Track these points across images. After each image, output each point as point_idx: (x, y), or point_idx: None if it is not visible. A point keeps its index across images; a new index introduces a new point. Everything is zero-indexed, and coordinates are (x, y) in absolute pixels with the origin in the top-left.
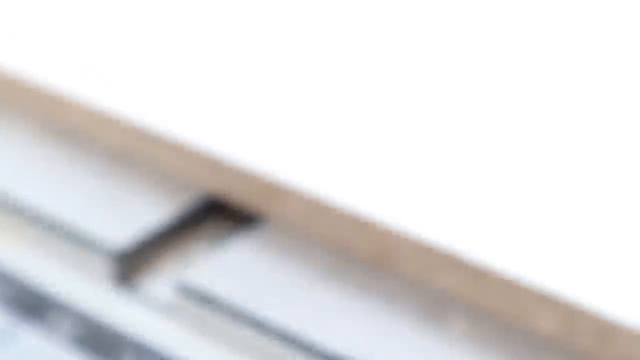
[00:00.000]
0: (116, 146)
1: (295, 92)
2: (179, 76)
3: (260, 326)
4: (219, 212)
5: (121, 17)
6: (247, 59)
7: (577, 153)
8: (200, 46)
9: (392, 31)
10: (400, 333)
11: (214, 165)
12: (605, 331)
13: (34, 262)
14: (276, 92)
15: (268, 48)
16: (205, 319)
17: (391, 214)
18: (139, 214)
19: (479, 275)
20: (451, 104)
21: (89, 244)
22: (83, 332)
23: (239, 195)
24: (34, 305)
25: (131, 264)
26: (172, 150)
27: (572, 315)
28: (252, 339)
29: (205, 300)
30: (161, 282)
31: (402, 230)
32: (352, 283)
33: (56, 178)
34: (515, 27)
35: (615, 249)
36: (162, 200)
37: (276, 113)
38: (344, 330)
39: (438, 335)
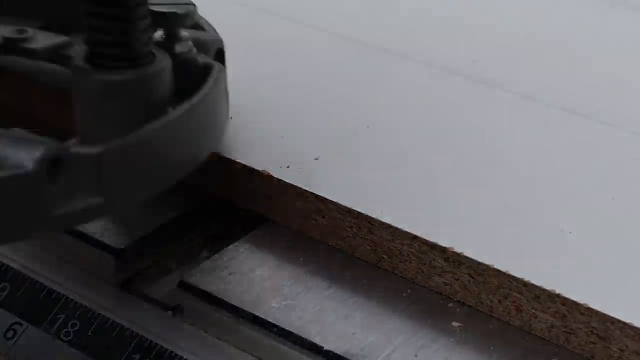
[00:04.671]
0: None
1: (296, 92)
2: None
3: (261, 326)
4: (220, 212)
5: None
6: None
7: (573, 152)
8: None
9: None
10: (400, 332)
11: (215, 165)
12: (604, 330)
13: (35, 261)
14: (274, 93)
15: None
16: (207, 319)
17: (391, 214)
18: (140, 213)
19: (477, 274)
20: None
21: (90, 243)
22: (83, 332)
23: (240, 195)
24: (34, 305)
25: (132, 263)
26: None
27: (570, 315)
28: (254, 339)
29: (206, 300)
30: (163, 282)
31: (402, 230)
32: (352, 283)
33: None
34: None
35: (614, 248)
36: (164, 200)
37: (276, 113)
38: (345, 330)
39: (437, 334)
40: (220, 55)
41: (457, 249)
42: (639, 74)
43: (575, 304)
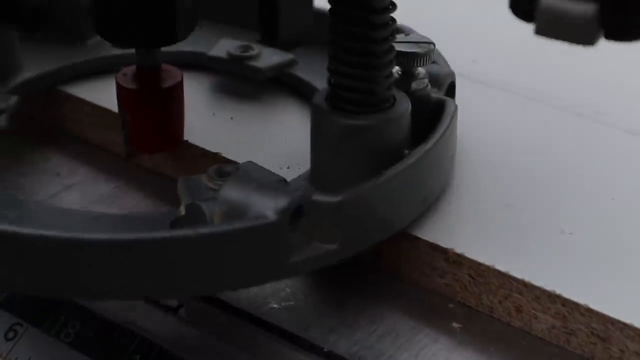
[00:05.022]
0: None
1: None
2: None
3: (261, 327)
4: None
5: None
6: None
7: (574, 152)
8: None
9: None
10: (401, 333)
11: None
12: (604, 331)
13: None
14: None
15: None
16: (207, 319)
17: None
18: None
19: (478, 275)
20: None
21: None
22: (84, 333)
23: None
24: (35, 306)
25: None
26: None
27: (570, 315)
28: (254, 339)
29: (206, 300)
30: None
31: (402, 231)
32: (352, 284)
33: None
34: None
35: (614, 248)
36: (164, 201)
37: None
38: (345, 331)
39: (438, 335)
40: (451, 89)
41: (458, 250)
42: (639, 74)
43: (576, 305)
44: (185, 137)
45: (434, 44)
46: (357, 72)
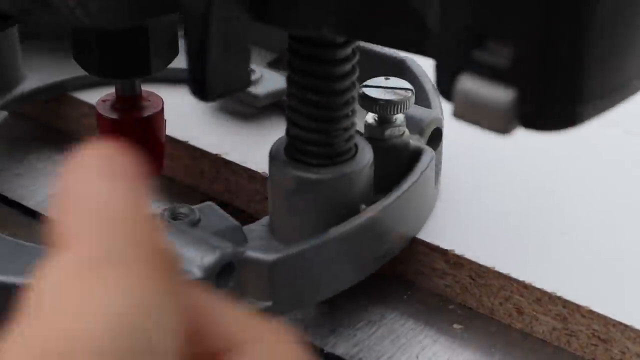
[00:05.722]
0: None
1: None
2: None
3: None
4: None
5: None
6: None
7: (574, 154)
8: None
9: None
10: (401, 334)
11: (215, 167)
12: (605, 333)
13: None
14: None
15: None
16: None
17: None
18: None
19: (479, 277)
20: None
21: None
22: None
23: (239, 197)
24: None
25: None
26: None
27: (571, 317)
28: None
29: None
30: None
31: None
32: (352, 286)
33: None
34: None
35: (615, 250)
36: (163, 201)
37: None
38: (345, 332)
39: (438, 335)
40: (437, 136)
41: (458, 252)
42: None
43: (577, 307)
44: (186, 139)
45: (412, 91)
46: (313, 124)
